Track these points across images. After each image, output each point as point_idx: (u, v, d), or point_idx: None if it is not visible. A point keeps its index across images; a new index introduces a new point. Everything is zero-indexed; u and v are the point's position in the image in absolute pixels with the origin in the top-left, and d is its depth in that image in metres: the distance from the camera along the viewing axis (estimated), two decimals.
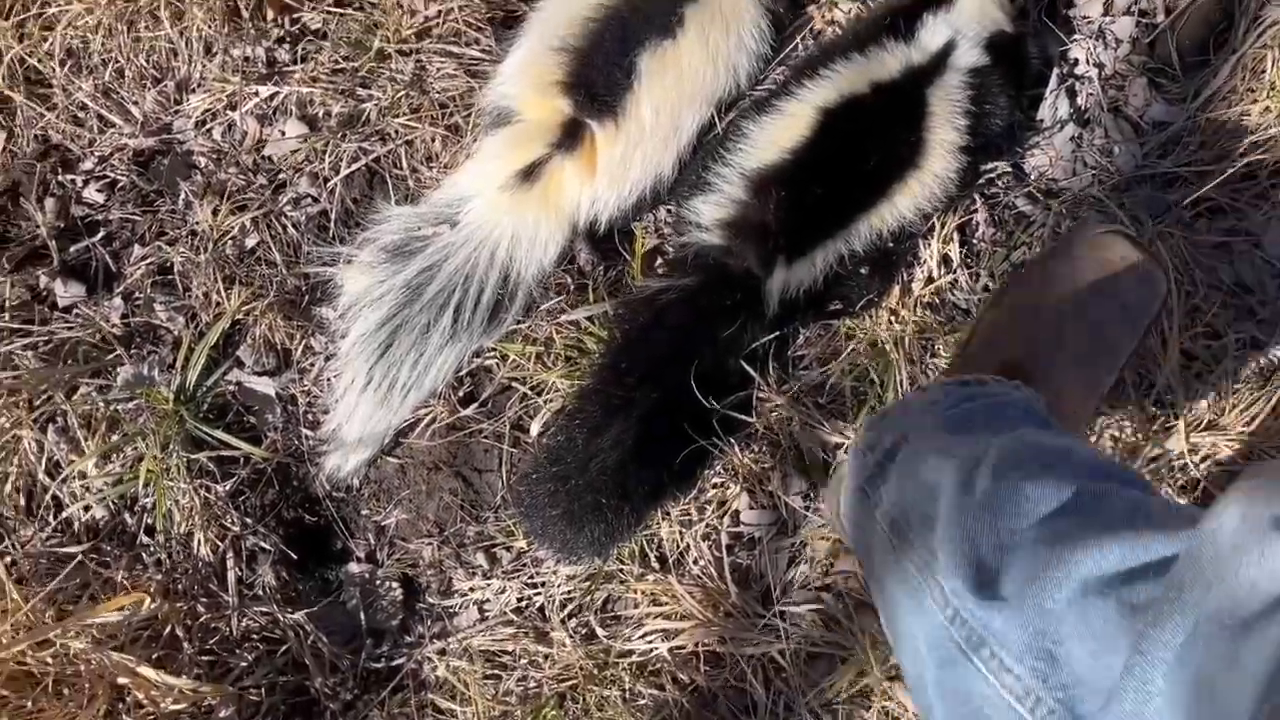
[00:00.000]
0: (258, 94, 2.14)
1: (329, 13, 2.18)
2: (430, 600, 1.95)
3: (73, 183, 2.17)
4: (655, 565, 1.87)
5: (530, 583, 1.91)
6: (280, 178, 2.12)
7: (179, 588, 1.91)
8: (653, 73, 1.89)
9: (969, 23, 1.90)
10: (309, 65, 2.14)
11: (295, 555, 1.94)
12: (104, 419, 1.98)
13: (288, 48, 2.18)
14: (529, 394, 1.93)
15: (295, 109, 2.13)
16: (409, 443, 1.96)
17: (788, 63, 2.06)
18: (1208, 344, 1.90)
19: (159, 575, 1.92)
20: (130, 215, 2.14)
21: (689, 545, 1.85)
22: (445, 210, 1.98)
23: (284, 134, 2.14)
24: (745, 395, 1.85)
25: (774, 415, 1.87)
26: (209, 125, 2.18)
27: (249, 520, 1.92)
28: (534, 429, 1.92)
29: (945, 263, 1.94)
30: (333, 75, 2.13)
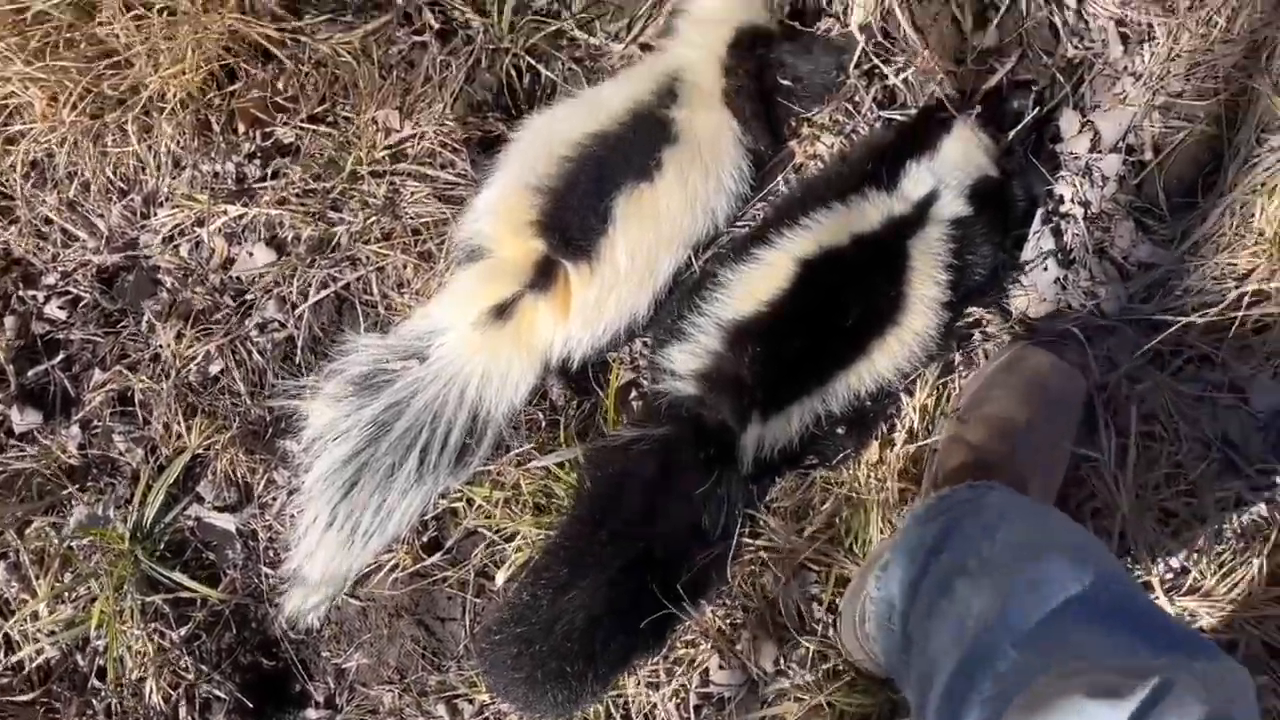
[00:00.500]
0: (226, 212, 2.09)
1: (302, 128, 2.14)
2: None
3: (34, 298, 2.13)
4: None
5: None
6: (247, 299, 2.08)
7: None
8: (629, 217, 1.85)
9: (952, 170, 1.86)
10: (279, 183, 2.09)
11: (251, 704, 1.88)
12: (57, 556, 1.93)
13: (258, 164, 2.14)
14: (496, 541, 1.88)
15: (264, 231, 2.08)
16: (371, 587, 1.91)
17: (768, 200, 2.02)
18: (1188, 501, 1.86)
19: None
20: (92, 336, 2.09)
21: (656, 705, 1.80)
22: (415, 343, 1.93)
23: (251, 255, 2.09)
24: (718, 552, 1.80)
25: (747, 571, 1.82)
26: (176, 241, 2.13)
27: (204, 667, 1.87)
28: (500, 578, 1.88)
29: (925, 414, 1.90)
30: (303, 196, 2.08)
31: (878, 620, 1.59)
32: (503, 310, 1.87)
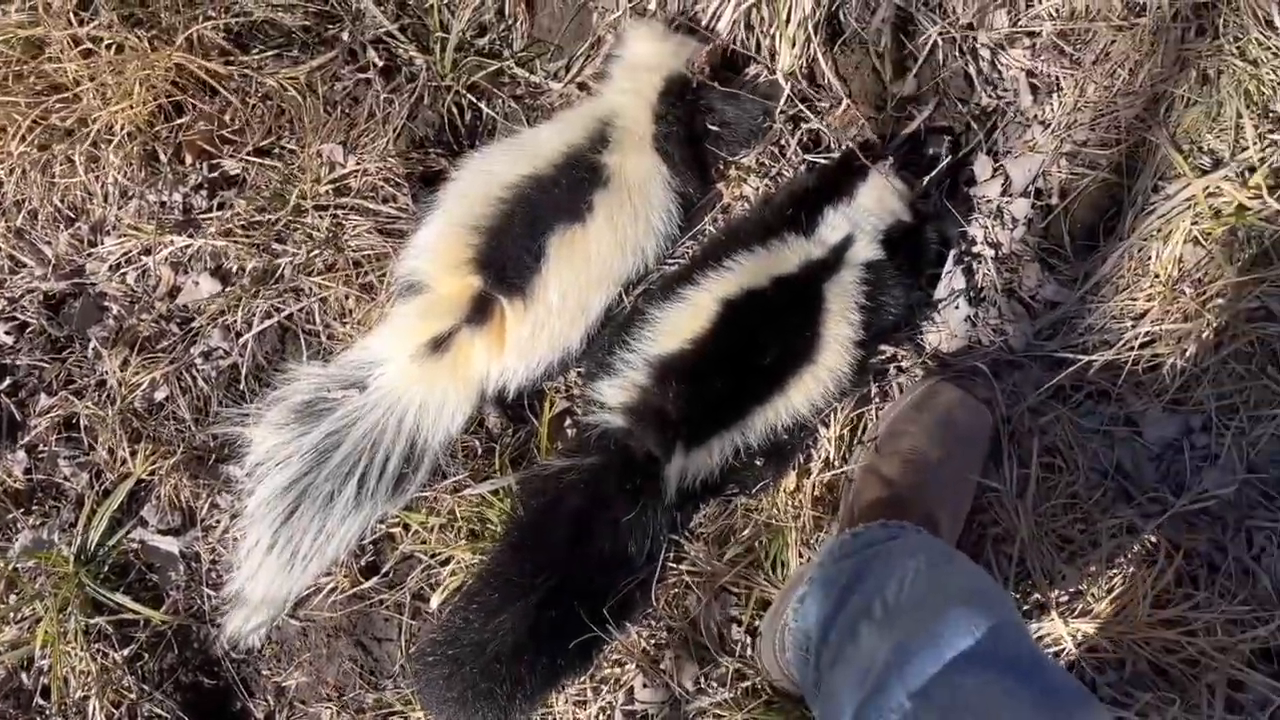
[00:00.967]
0: (172, 242, 2.15)
1: (248, 161, 2.20)
2: None
3: None
4: None
5: None
6: (193, 327, 2.13)
7: None
8: (561, 257, 1.93)
9: (867, 216, 1.97)
10: (225, 215, 2.15)
11: None
12: (2, 578, 1.98)
13: (205, 195, 2.20)
14: (431, 565, 1.96)
15: (210, 261, 2.14)
16: (310, 609, 1.98)
17: (697, 239, 2.12)
18: (1083, 528, 1.99)
19: None
20: (38, 362, 2.14)
21: None
22: (355, 373, 2.00)
23: (197, 284, 2.15)
24: (643, 577, 1.90)
25: (671, 594, 1.92)
26: (123, 270, 2.19)
27: (146, 686, 1.93)
28: (434, 601, 1.95)
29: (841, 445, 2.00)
30: (248, 228, 2.14)
31: (795, 650, 1.69)
32: (440, 343, 1.95)
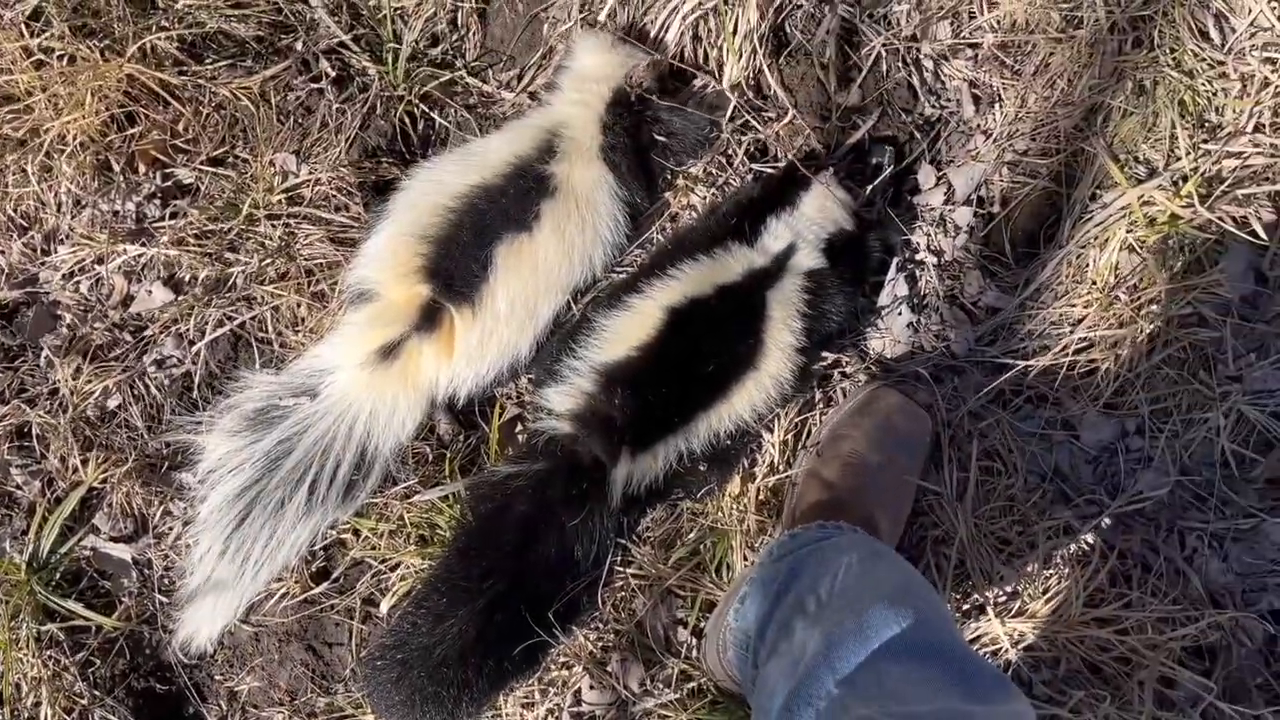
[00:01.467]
0: (125, 251, 2.17)
1: (201, 170, 2.22)
2: None
3: None
4: None
5: None
6: (146, 335, 2.15)
7: None
8: (509, 267, 1.96)
9: (809, 225, 2.01)
10: (178, 224, 2.17)
11: None
12: None
13: (158, 204, 2.21)
14: (381, 570, 1.99)
15: (163, 270, 2.16)
16: (263, 614, 2.00)
17: (645, 247, 2.15)
18: (1021, 530, 2.03)
19: None
20: None
21: None
22: (307, 380, 2.03)
23: (150, 293, 2.17)
24: (591, 579, 1.93)
25: (619, 597, 1.95)
26: (76, 278, 2.20)
27: (98, 692, 1.95)
28: (384, 606, 1.98)
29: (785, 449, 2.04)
30: (201, 237, 2.16)
31: (736, 649, 1.73)
32: (389, 351, 1.98)
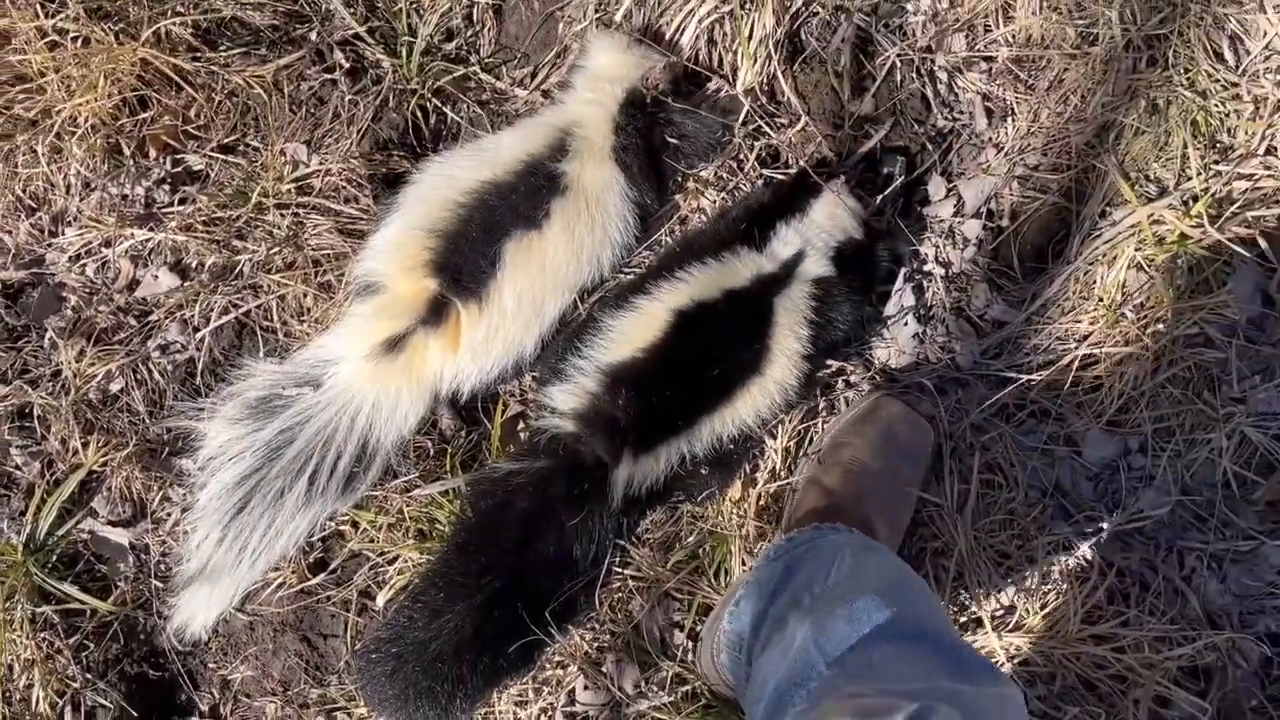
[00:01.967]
0: (133, 235, 2.16)
1: (211, 157, 2.22)
2: None
3: None
4: None
5: None
6: (150, 320, 2.15)
7: None
8: (517, 264, 1.96)
9: (819, 233, 2.01)
10: (187, 210, 2.17)
11: (136, 712, 1.96)
12: None
13: (167, 189, 2.21)
14: (379, 563, 1.98)
15: (170, 255, 2.16)
16: (258, 603, 1.99)
17: (653, 249, 2.15)
18: (1020, 544, 2.03)
19: None
20: None
21: None
22: (310, 370, 2.02)
23: (157, 278, 2.16)
24: (589, 580, 1.93)
25: (616, 598, 1.95)
26: (83, 261, 2.20)
27: (90, 676, 1.94)
28: (381, 599, 1.98)
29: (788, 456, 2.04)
30: (209, 224, 2.16)
31: (729, 651, 1.74)
32: (395, 344, 1.97)
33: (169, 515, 2.04)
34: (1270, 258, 1.97)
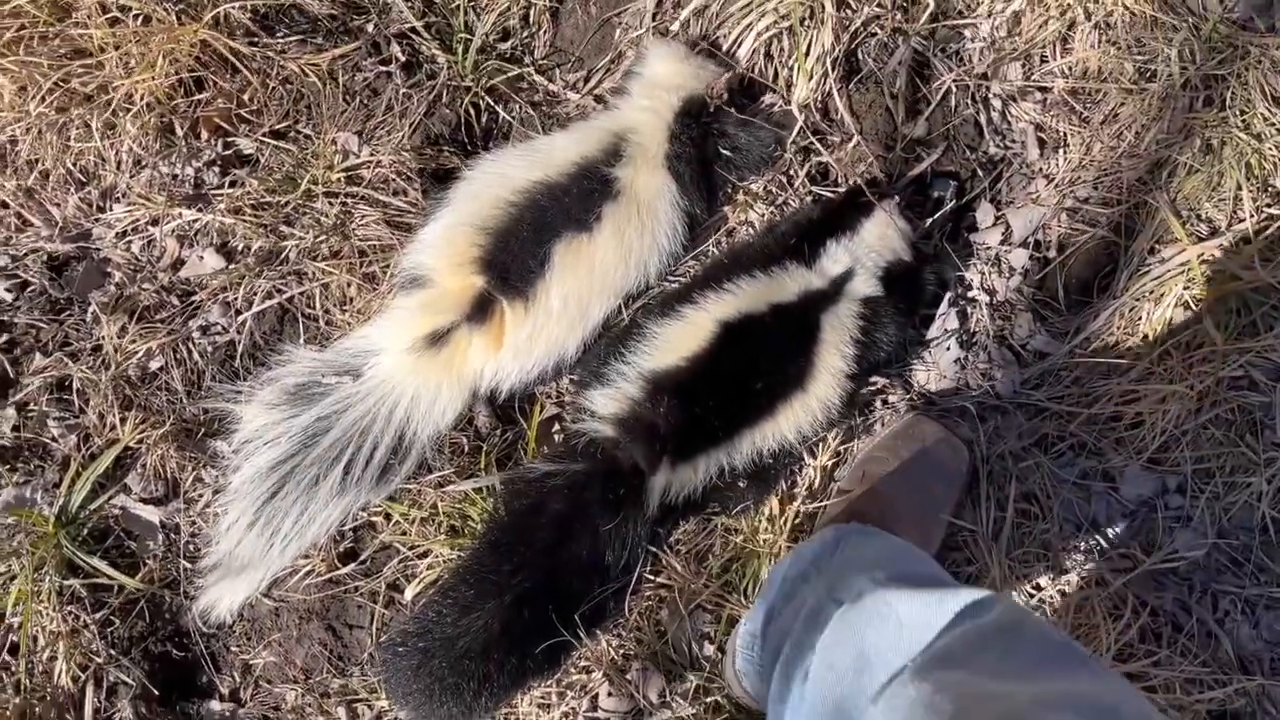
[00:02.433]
0: (181, 215, 2.17)
1: (263, 142, 2.22)
2: None
3: None
4: None
5: None
6: (193, 300, 2.15)
7: (35, 712, 1.91)
8: (565, 265, 1.96)
9: (869, 252, 2.00)
10: (236, 193, 2.17)
11: (157, 691, 1.95)
12: None
13: (217, 171, 2.21)
14: (409, 557, 1.98)
15: (216, 237, 2.16)
16: (285, 590, 1.99)
17: (700, 259, 2.15)
18: (1053, 577, 2.02)
19: (16, 698, 1.91)
20: (36, 321, 2.15)
21: None
22: (351, 360, 2.02)
23: (202, 259, 2.17)
24: (619, 586, 1.92)
25: (645, 606, 1.94)
26: (129, 238, 2.20)
27: (114, 652, 1.94)
28: (409, 593, 1.97)
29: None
30: (257, 208, 2.16)
31: (743, 650, 1.74)
32: (438, 338, 1.97)
33: (201, 496, 2.04)
34: None
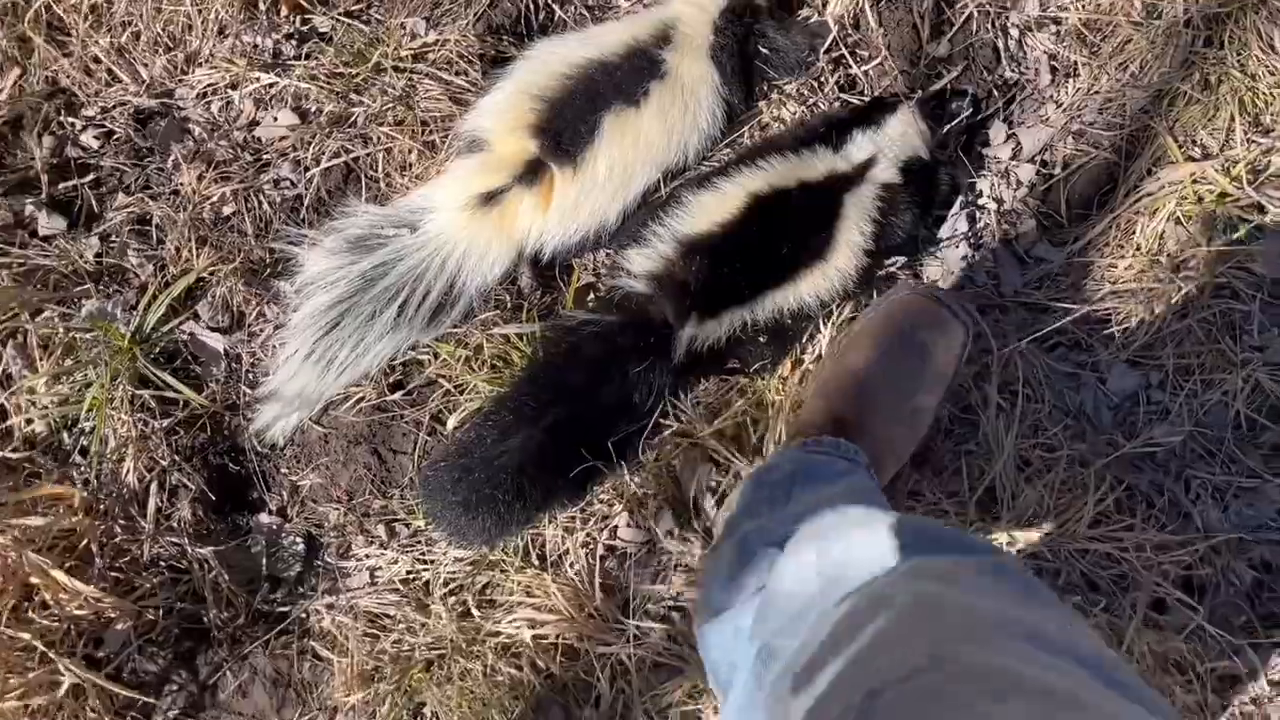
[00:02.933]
0: (259, 80, 2.36)
1: (338, 20, 2.41)
2: (328, 559, 2.15)
3: (73, 125, 2.36)
4: (535, 562, 2.09)
5: (421, 559, 2.12)
6: (265, 158, 2.33)
7: (101, 508, 2.08)
8: (613, 134, 2.14)
9: (891, 145, 2.19)
10: (311, 63, 2.36)
11: (214, 496, 2.13)
12: (62, 344, 2.16)
13: (295, 44, 2.40)
14: (452, 391, 2.15)
15: (291, 100, 2.35)
16: (336, 415, 2.16)
17: (733, 147, 2.33)
18: (1043, 454, 2.19)
19: (84, 493, 2.09)
20: (120, 165, 2.33)
21: (568, 549, 2.08)
22: (409, 216, 2.20)
23: (276, 120, 2.35)
24: (641, 427, 2.09)
25: (665, 449, 2.11)
26: (209, 99, 2.39)
27: (177, 457, 2.11)
28: (451, 423, 2.14)
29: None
30: (330, 78, 2.35)
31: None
32: (491, 198, 2.15)
33: (262, 330, 2.22)
34: None
